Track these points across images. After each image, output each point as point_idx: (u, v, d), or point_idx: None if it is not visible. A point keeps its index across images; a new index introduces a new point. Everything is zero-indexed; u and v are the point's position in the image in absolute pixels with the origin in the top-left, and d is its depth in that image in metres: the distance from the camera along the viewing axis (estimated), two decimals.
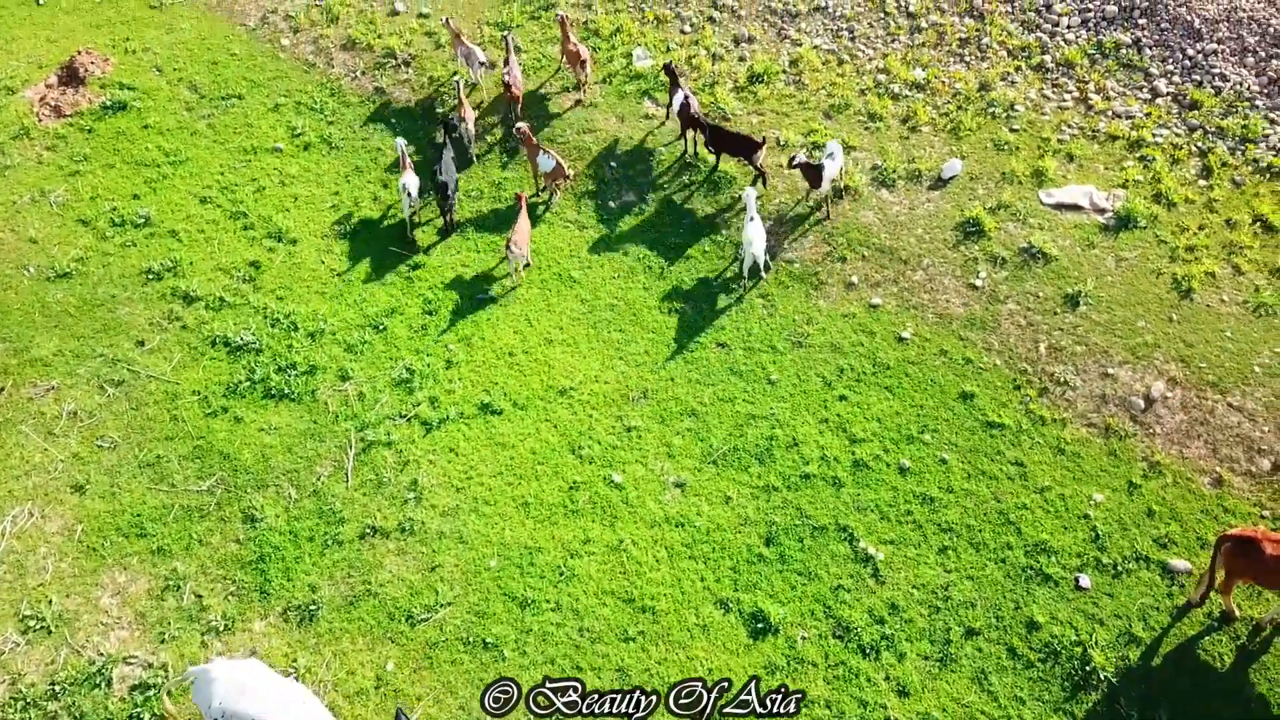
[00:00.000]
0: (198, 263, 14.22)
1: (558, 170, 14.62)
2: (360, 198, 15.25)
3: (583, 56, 15.91)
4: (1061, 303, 13.14)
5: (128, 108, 16.41)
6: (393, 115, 16.47)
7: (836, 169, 14.01)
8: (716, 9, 17.80)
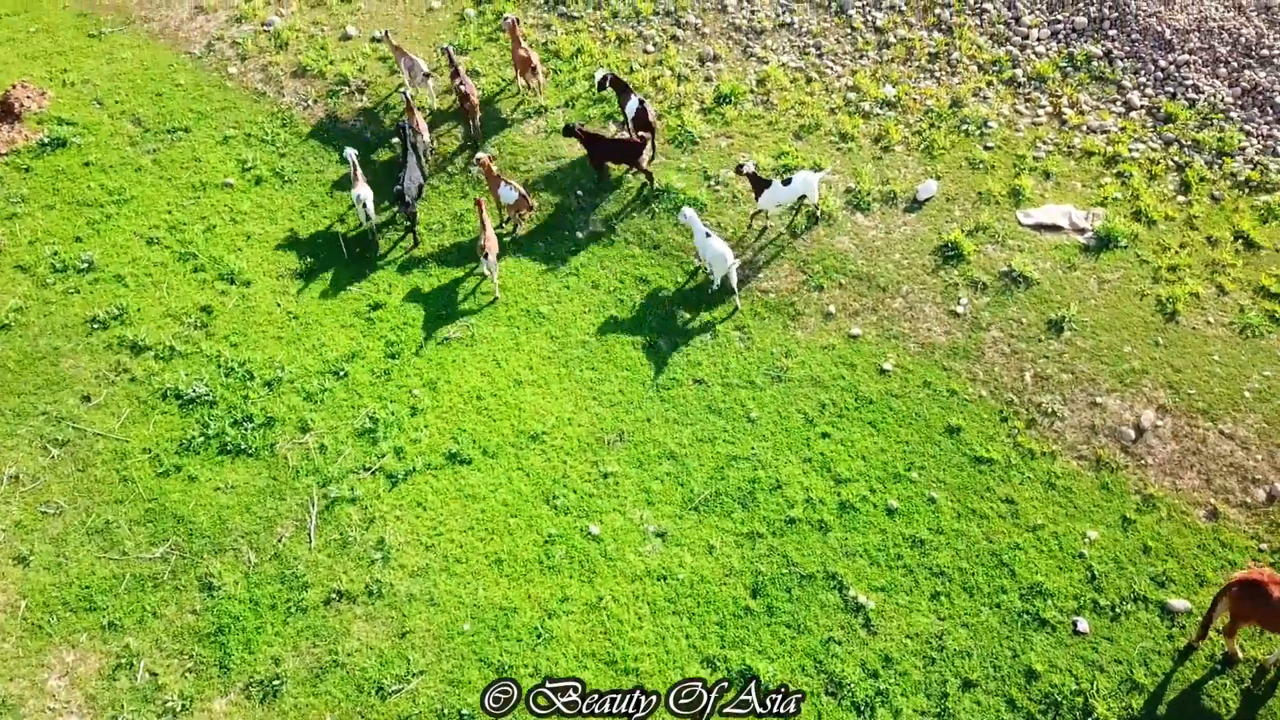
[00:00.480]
0: (146, 309, 13.50)
1: (520, 202, 14.09)
2: (316, 233, 14.60)
3: (534, 63, 15.52)
4: (1045, 329, 12.80)
5: (67, 144, 15.63)
6: (347, 145, 15.80)
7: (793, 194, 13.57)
8: (680, 27, 17.34)
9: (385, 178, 15.18)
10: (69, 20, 17.91)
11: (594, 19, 17.61)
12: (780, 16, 17.31)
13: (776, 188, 13.57)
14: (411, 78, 15.72)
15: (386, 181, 15.02)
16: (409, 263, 14.18)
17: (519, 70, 15.82)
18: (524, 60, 15.59)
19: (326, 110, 16.35)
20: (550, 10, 17.86)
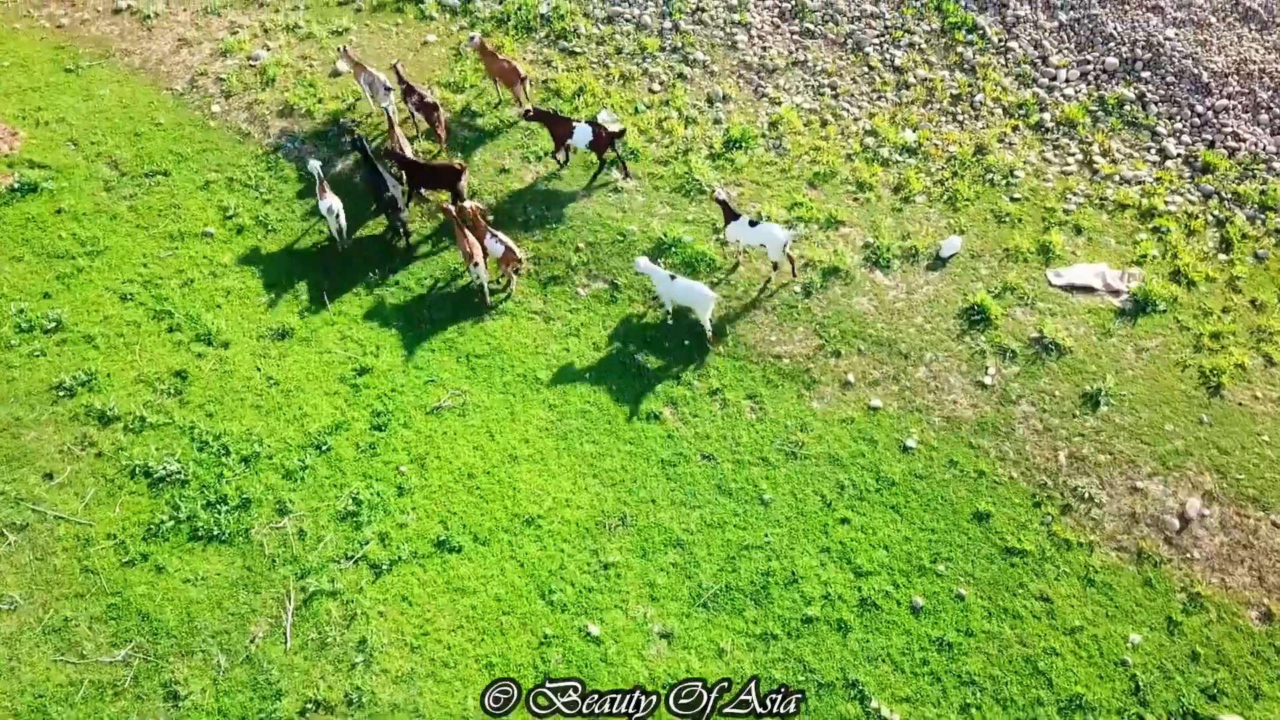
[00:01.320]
0: (116, 374, 12.63)
1: (508, 255, 13.23)
2: (301, 288, 13.73)
3: (521, 72, 14.97)
4: (1080, 403, 11.91)
5: (39, 190, 14.76)
6: (335, 191, 14.92)
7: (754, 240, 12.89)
8: (688, 64, 16.46)
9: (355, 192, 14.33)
10: (45, 53, 17.05)
11: (597, 55, 16.73)
12: (793, 54, 16.44)
13: (742, 225, 12.91)
14: (372, 93, 15.19)
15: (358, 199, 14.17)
16: (398, 316, 13.30)
17: (507, 83, 15.18)
18: (509, 71, 14.97)
19: (314, 153, 15.46)
20: (550, 45, 16.99)
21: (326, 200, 13.64)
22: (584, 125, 14.21)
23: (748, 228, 12.92)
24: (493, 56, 15.21)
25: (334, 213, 13.64)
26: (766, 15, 16.96)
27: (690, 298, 12.47)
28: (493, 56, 15.21)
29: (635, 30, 16.99)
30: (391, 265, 13.97)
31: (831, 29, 16.67)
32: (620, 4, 17.36)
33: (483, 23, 17.36)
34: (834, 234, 13.93)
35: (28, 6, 17.95)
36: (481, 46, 15.21)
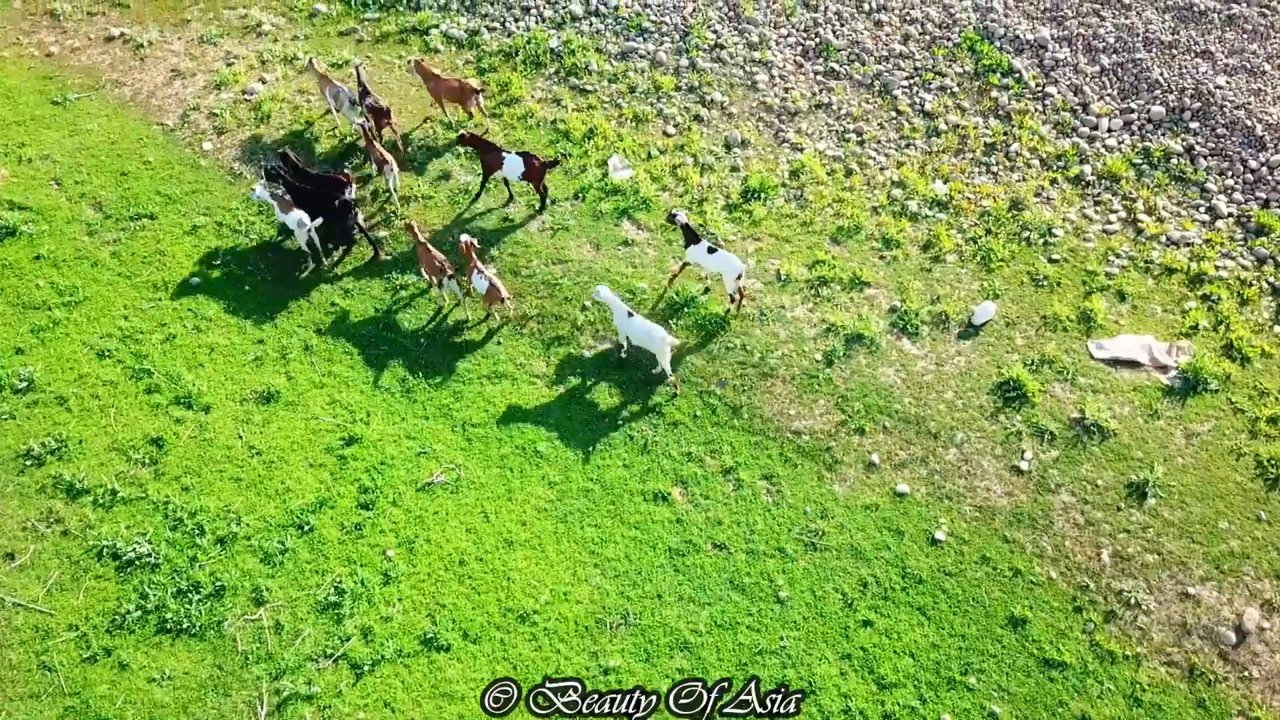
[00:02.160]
0: (89, 441, 11.83)
1: (492, 292, 12.50)
2: (289, 346, 12.90)
3: (472, 86, 14.57)
4: (1125, 494, 10.95)
5: (17, 233, 14.00)
6: (331, 239, 14.12)
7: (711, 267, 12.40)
8: (705, 106, 15.57)
9: None
10: (32, 84, 16.31)
11: (609, 94, 15.87)
12: (817, 96, 15.53)
13: (701, 249, 12.37)
14: (338, 105, 14.80)
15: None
16: (391, 377, 12.46)
17: (459, 102, 14.73)
18: (458, 89, 14.56)
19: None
20: (560, 82, 16.13)
21: (293, 214, 13.09)
22: (514, 156, 13.58)
23: (706, 254, 12.35)
24: (436, 78, 14.68)
25: (304, 225, 13.07)
26: (789, 54, 16.06)
27: (646, 339, 11.82)
28: (436, 78, 14.68)
29: (650, 68, 16.12)
30: (387, 319, 13.13)
31: (857, 69, 15.75)
32: (635, 39, 16.49)
33: (490, 56, 16.52)
34: (858, 296, 13.01)
35: (17, 33, 17.23)
36: (419, 68, 14.77)
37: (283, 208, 13.25)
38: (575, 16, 16.86)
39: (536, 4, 17.09)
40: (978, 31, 15.88)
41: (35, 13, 17.63)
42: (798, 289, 13.12)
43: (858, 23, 16.22)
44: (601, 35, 16.65)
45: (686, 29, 16.48)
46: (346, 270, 13.69)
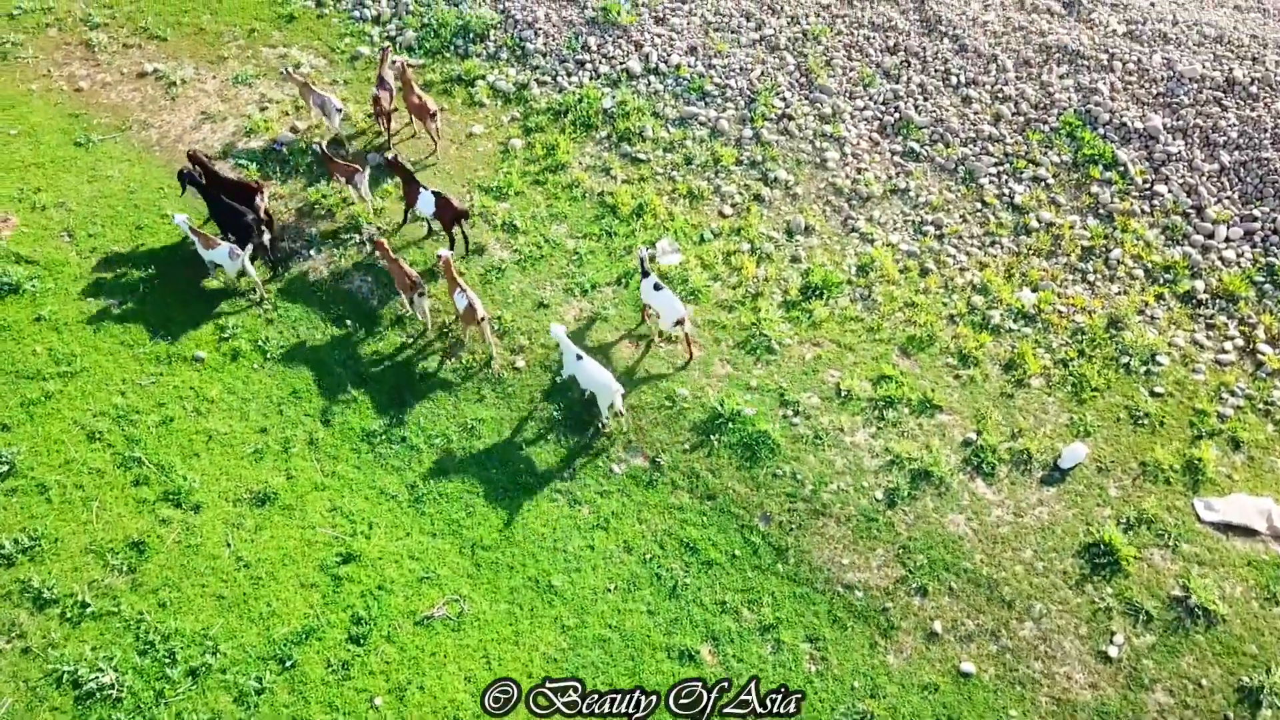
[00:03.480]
0: (65, 540, 10.78)
1: (469, 312, 11.80)
2: (293, 439, 11.77)
3: (432, 108, 14.10)
4: (1235, 699, 9.29)
5: (20, 291, 13.08)
6: (349, 313, 12.97)
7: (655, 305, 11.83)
8: (767, 184, 14.13)
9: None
10: (57, 121, 15.46)
11: (663, 164, 14.51)
12: (893, 179, 14.01)
13: (648, 284, 11.84)
14: (325, 114, 14.37)
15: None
16: (399, 482, 11.26)
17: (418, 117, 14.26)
18: (418, 105, 14.13)
19: (330, 263, 13.54)
20: (611, 148, 14.82)
21: (219, 249, 12.55)
22: (428, 193, 12.93)
23: (652, 290, 11.82)
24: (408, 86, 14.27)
25: (237, 256, 12.48)
26: (864, 129, 14.56)
27: (593, 385, 11.16)
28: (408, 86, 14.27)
29: (710, 137, 14.74)
30: (401, 413, 11.94)
31: (940, 151, 14.19)
32: (695, 104, 15.12)
33: (538, 115, 15.27)
34: (928, 423, 11.48)
35: (49, 64, 16.42)
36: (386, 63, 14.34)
37: (204, 244, 12.64)
38: (632, 74, 15.55)
39: (591, 58, 15.82)
40: (1079, 115, 14.22)
41: (70, 41, 16.83)
42: (859, 408, 11.63)
43: (943, 98, 14.65)
44: (659, 97, 15.31)
45: (753, 95, 15.07)
46: (368, 354, 12.53)
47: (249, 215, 12.87)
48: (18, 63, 16.37)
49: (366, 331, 12.83)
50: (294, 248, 13.78)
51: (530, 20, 16.40)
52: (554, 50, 16.03)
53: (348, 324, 12.89)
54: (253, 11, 17.34)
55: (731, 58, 15.59)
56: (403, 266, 12.20)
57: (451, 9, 16.74)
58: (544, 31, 16.23)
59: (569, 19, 16.43)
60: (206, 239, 12.72)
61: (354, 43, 16.62)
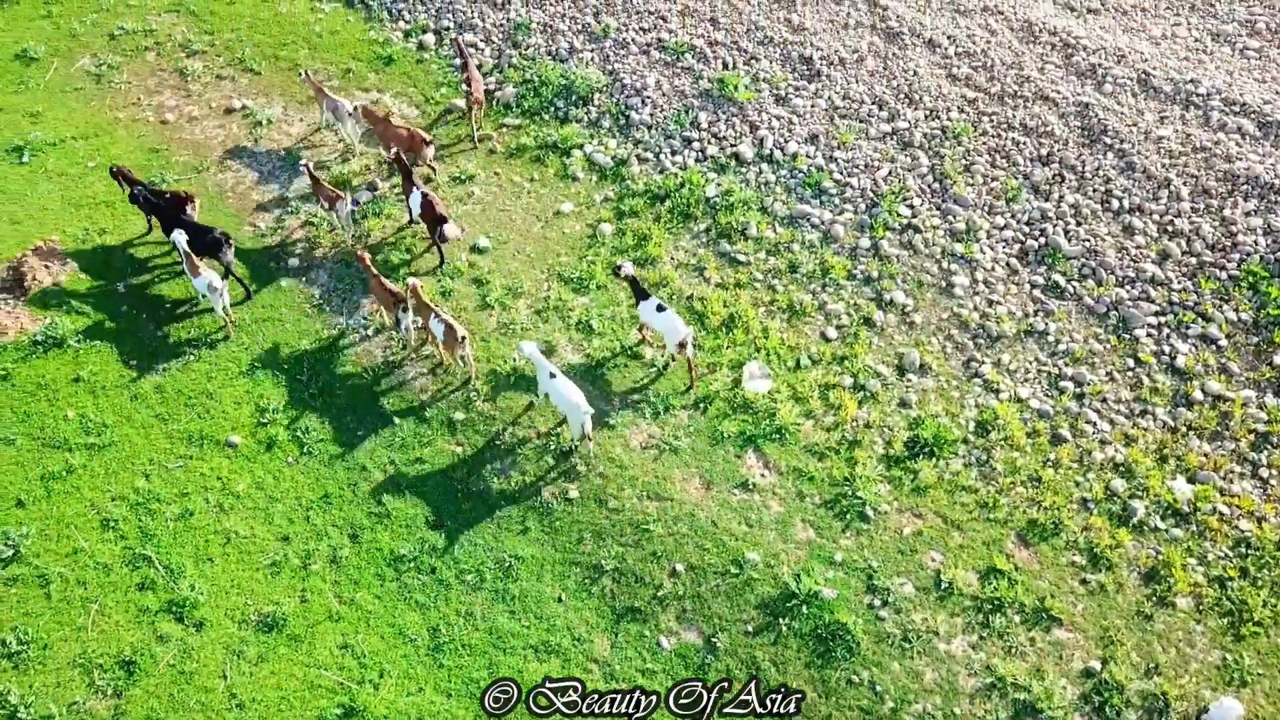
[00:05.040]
0: (55, 647, 9.84)
1: (449, 334, 11.24)
2: (315, 553, 10.61)
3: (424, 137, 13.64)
4: None
5: (64, 346, 12.31)
6: (399, 408, 11.77)
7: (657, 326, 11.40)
8: (881, 306, 12.36)
9: None
10: (137, 156, 14.74)
11: (764, 269, 12.88)
12: (1029, 317, 12.05)
13: (650, 308, 11.39)
14: (338, 119, 14.12)
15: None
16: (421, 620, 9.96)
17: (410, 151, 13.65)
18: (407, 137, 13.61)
19: (386, 350, 12.37)
20: (708, 244, 13.26)
21: (200, 278, 12.05)
22: (418, 193, 12.65)
23: (655, 312, 11.37)
24: (385, 123, 13.79)
25: (215, 290, 12.02)
26: (1002, 252, 12.62)
27: (565, 405, 10.72)
28: (385, 123, 13.79)
29: (821, 243, 13.03)
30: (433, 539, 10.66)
31: (1090, 290, 12.16)
32: (809, 201, 13.44)
33: (632, 197, 13.82)
34: (1042, 639, 9.56)
35: (141, 92, 15.80)
36: (366, 112, 13.90)
37: (191, 269, 12.15)
38: (742, 160, 13.96)
39: (700, 136, 14.29)
40: (1266, 265, 11.99)
41: (165, 68, 16.20)
42: (960, 607, 9.79)
43: (1100, 225, 12.60)
44: (770, 190, 13.67)
45: (876, 198, 13.29)
46: (410, 460, 11.30)
47: (216, 231, 12.51)
48: (110, 88, 15.81)
49: (414, 433, 11.60)
50: (354, 325, 12.67)
51: (639, 86, 14.97)
52: (660, 123, 14.56)
53: (395, 421, 11.69)
54: (352, 50, 16.42)
55: (857, 151, 13.84)
56: (385, 284, 11.86)
57: (557, 65, 15.46)
58: (652, 101, 14.78)
59: (680, 89, 14.94)
60: (194, 264, 12.13)
61: (450, 94, 15.48)
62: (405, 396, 11.94)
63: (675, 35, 15.56)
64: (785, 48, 15.26)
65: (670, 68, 15.24)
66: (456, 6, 16.66)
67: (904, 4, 15.81)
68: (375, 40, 16.52)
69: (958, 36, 15.09)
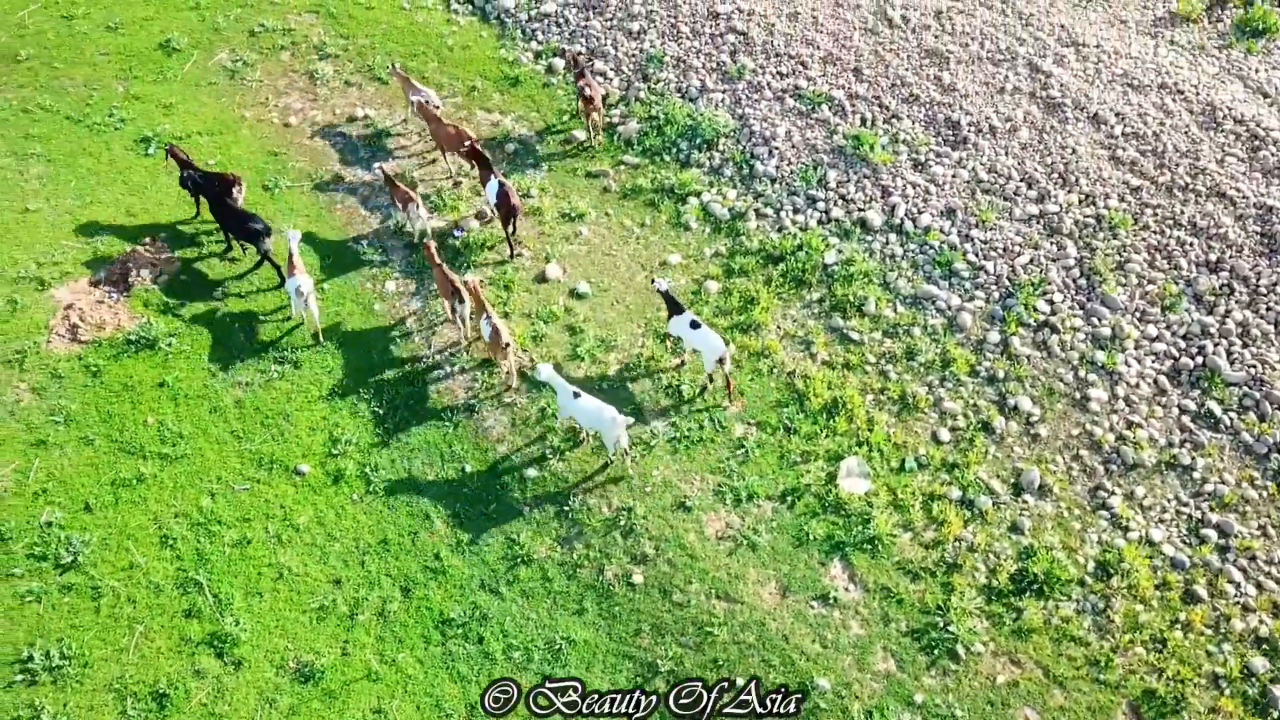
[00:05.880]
0: (95, 667, 9.66)
1: (495, 338, 11.19)
2: (364, 602, 10.17)
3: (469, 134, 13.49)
4: None
5: (155, 348, 12.25)
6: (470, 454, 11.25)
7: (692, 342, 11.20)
8: (1004, 412, 11.17)
9: None
10: (256, 158, 14.67)
11: (878, 352, 11.83)
12: (1174, 448, 10.67)
13: (683, 322, 11.16)
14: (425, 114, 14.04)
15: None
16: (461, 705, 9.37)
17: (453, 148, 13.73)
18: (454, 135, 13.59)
19: (471, 390, 11.88)
20: (819, 316, 12.29)
21: (291, 280, 11.99)
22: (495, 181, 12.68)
23: (689, 328, 11.12)
24: (436, 120, 13.76)
25: (301, 294, 11.91)
26: (1150, 367, 11.26)
27: (594, 422, 10.53)
28: (436, 120, 13.76)
29: (945, 331, 11.90)
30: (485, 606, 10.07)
31: (1250, 425, 10.69)
32: (938, 282, 12.32)
33: (744, 255, 12.97)
34: None
35: (269, 92, 15.80)
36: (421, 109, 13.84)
37: (290, 269, 12.10)
38: (869, 227, 12.93)
39: (826, 196, 13.32)
40: None
41: (297, 69, 16.17)
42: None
43: (1272, 350, 11.09)
44: (895, 264, 12.61)
45: (1012, 288, 12.08)
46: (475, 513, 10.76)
47: (259, 222, 12.60)
48: (241, 85, 15.86)
49: (483, 485, 11.06)
50: (437, 360, 12.24)
51: (768, 135, 14.09)
52: (786, 177, 13.65)
53: (466, 469, 11.17)
54: (480, 67, 16.05)
55: (997, 232, 12.63)
56: (446, 272, 11.94)
57: (685, 104, 14.72)
58: (780, 152, 13.88)
59: (812, 142, 13.98)
60: (293, 265, 12.11)
61: (573, 125, 14.93)
62: (480, 444, 11.42)
63: (814, 84, 14.61)
64: (931, 108, 14.12)
65: (804, 118, 14.30)
66: (590, 31, 16.11)
67: (1070, 72, 14.43)
68: (505, 59, 16.12)
69: (1127, 114, 13.65)
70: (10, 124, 14.98)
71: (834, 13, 15.59)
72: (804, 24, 15.43)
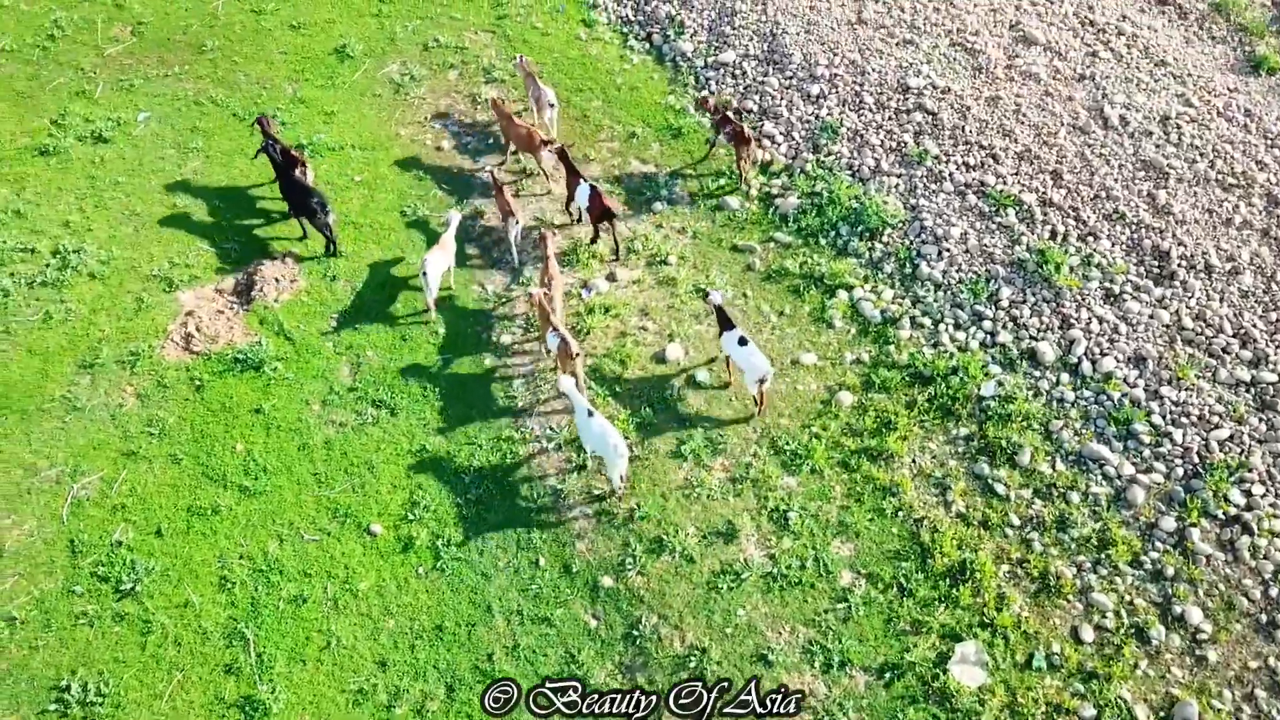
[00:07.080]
0: (127, 710, 9.33)
1: (563, 349, 10.84)
2: (404, 694, 9.47)
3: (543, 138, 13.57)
4: None
5: (260, 370, 11.98)
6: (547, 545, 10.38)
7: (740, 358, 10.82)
8: (1166, 621, 9.33)
9: None
10: (401, 181, 14.25)
11: (1024, 513, 10.18)
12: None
13: (732, 340, 10.89)
14: (539, 107, 14.28)
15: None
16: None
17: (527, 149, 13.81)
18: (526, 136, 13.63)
19: (559, 473, 11.00)
20: (964, 457, 10.73)
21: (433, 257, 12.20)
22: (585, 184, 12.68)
23: (736, 345, 10.87)
24: (510, 119, 13.82)
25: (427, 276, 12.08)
26: None
27: (600, 446, 10.25)
28: (510, 119, 13.82)
29: (1108, 505, 10.14)
30: None
31: None
32: (1110, 441, 10.54)
33: (884, 368, 11.54)
34: None
35: (429, 110, 15.39)
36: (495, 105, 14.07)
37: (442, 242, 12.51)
38: (1039, 361, 11.26)
39: (995, 316, 11.72)
40: None
41: (461, 90, 15.74)
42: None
43: None
44: (1063, 411, 10.89)
45: (1201, 467, 10.17)
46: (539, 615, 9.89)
47: (317, 196, 12.70)
48: (404, 100, 15.55)
49: (553, 585, 10.17)
50: (540, 433, 11.42)
51: (940, 233, 12.57)
52: (952, 285, 12.12)
53: (540, 564, 10.31)
54: (644, 112, 15.17)
55: (1194, 394, 10.72)
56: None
57: (854, 184, 13.36)
58: (950, 255, 12.35)
59: (989, 249, 12.37)
60: (442, 247, 12.39)
61: (729, 187, 13.84)
62: (560, 536, 10.53)
63: (1003, 181, 12.96)
64: (1138, 231, 12.23)
65: (985, 220, 12.68)
66: (767, 88, 14.94)
67: None
68: (671, 107, 15.16)
69: None
70: (182, 115, 15.17)
71: (1041, 102, 13.83)
72: (1004, 111, 13.75)
